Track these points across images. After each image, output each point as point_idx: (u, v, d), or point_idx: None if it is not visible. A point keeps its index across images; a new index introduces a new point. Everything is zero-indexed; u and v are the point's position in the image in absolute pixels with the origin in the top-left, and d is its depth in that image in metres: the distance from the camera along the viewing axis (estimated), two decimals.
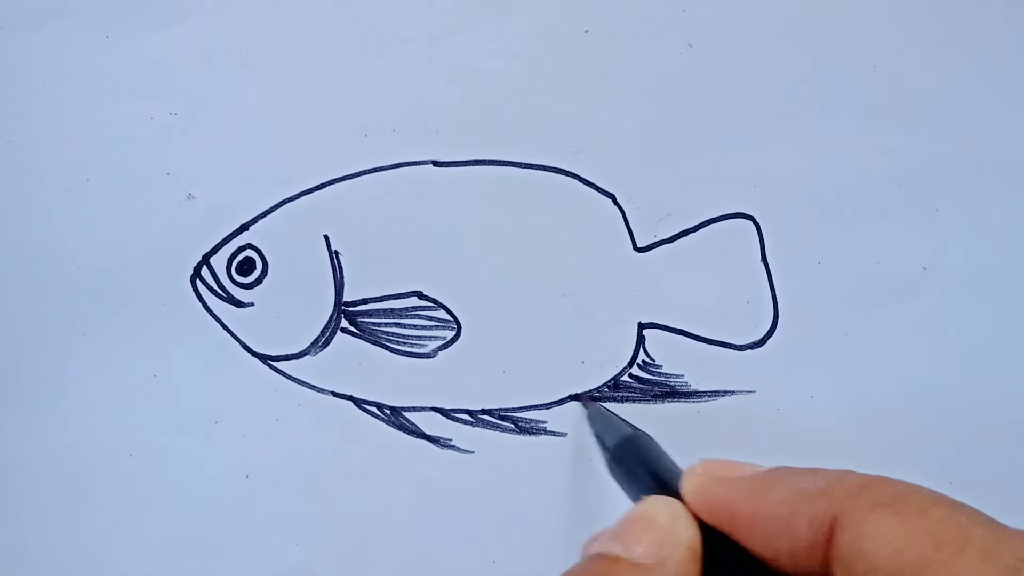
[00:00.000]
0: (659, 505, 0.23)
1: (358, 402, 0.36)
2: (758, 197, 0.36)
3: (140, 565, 0.36)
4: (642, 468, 0.28)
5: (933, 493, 0.20)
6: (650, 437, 0.30)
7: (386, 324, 0.36)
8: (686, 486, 0.24)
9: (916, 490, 0.20)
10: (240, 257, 0.36)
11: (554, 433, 0.36)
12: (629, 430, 0.31)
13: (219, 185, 0.36)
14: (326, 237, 0.36)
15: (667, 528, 0.23)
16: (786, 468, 0.23)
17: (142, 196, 0.36)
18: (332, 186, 0.36)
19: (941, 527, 0.19)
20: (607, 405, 0.36)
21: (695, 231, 0.36)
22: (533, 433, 0.36)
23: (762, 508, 0.22)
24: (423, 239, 0.36)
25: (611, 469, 0.30)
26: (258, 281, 0.36)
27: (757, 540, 0.22)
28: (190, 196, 0.36)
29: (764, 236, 0.35)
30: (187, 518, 0.36)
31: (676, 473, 0.27)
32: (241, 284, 0.36)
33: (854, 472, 0.21)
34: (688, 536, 0.23)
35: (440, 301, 0.36)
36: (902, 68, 0.35)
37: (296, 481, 0.36)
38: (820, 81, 0.35)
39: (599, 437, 0.32)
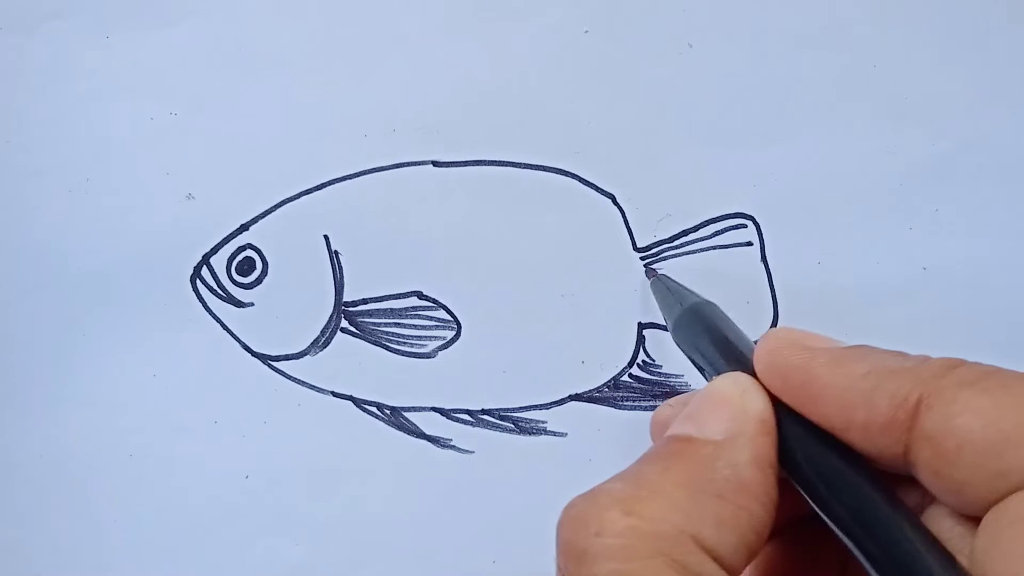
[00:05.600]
0: (728, 381, 0.23)
1: (358, 402, 0.36)
2: (758, 197, 0.36)
3: (140, 565, 0.36)
4: (708, 338, 0.27)
5: (1015, 372, 0.20)
6: (716, 306, 0.29)
7: (386, 324, 0.36)
8: (759, 352, 0.23)
9: (998, 370, 0.20)
10: (240, 257, 0.36)
11: (554, 433, 0.36)
12: (694, 299, 0.30)
13: (219, 185, 0.36)
14: (326, 237, 0.36)
15: (737, 403, 0.23)
16: (868, 346, 0.23)
17: (142, 196, 0.36)
18: (332, 186, 0.36)
19: None
20: (599, 407, 0.36)
21: (695, 231, 0.36)
22: (533, 433, 0.36)
23: (841, 379, 0.22)
24: (423, 239, 0.36)
25: (676, 339, 0.29)
26: (258, 281, 0.36)
27: (829, 411, 0.22)
28: (190, 196, 0.36)
29: (764, 236, 0.35)
30: (187, 518, 0.36)
31: (744, 342, 0.26)
32: (241, 284, 0.36)
33: (933, 357, 0.21)
34: (759, 408, 0.22)
35: (440, 301, 0.36)
36: (902, 68, 0.35)
37: (296, 481, 0.36)
38: (820, 81, 0.35)
39: (663, 307, 0.32)
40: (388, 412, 0.36)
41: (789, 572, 0.24)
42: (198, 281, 0.36)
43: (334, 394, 0.36)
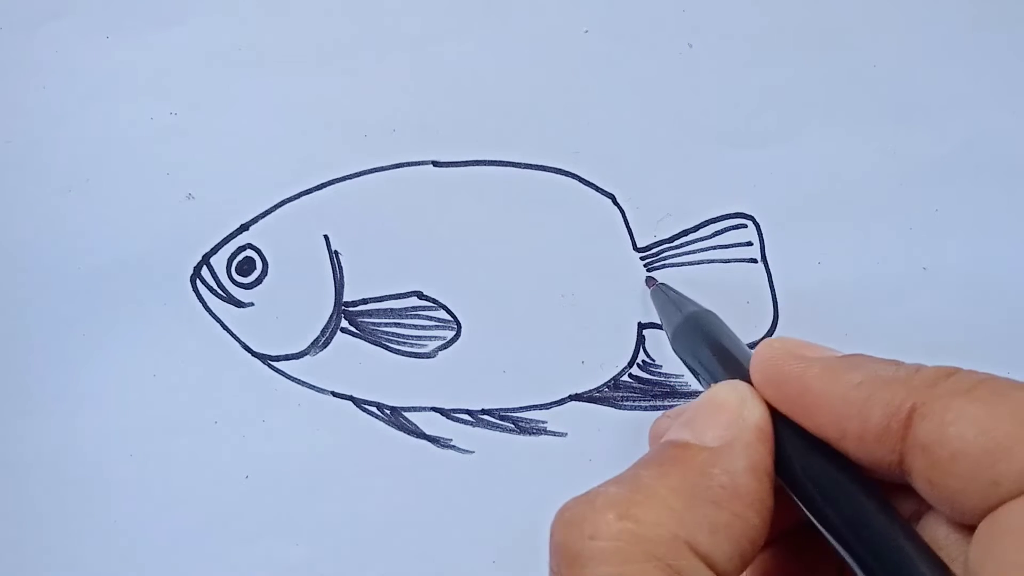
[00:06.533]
0: (726, 389, 0.23)
1: (358, 402, 0.36)
2: (758, 197, 0.36)
3: (140, 565, 0.36)
4: (707, 346, 0.27)
5: (1009, 380, 0.20)
6: (714, 314, 0.29)
7: (386, 324, 0.36)
8: (755, 362, 0.23)
9: (992, 377, 0.20)
10: (240, 257, 0.36)
11: (554, 433, 0.36)
12: (693, 308, 0.30)
13: (219, 185, 0.36)
14: (326, 237, 0.36)
15: (735, 411, 0.23)
16: (862, 355, 0.22)
17: (142, 196, 0.36)
18: (332, 186, 0.36)
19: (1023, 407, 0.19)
20: (599, 407, 0.36)
21: (695, 231, 0.36)
22: (533, 433, 0.36)
23: (835, 389, 0.22)
24: (423, 239, 0.36)
25: (675, 348, 0.30)
26: (258, 281, 0.36)
27: (824, 421, 0.22)
28: (190, 196, 0.36)
29: (764, 236, 0.35)
30: (187, 518, 0.36)
31: (743, 351, 0.26)
32: (241, 284, 0.36)
33: (927, 365, 0.21)
34: (756, 417, 0.22)
35: (440, 301, 0.36)
36: (902, 68, 0.35)
37: (296, 481, 0.36)
38: (820, 81, 0.35)
39: (662, 316, 0.32)
40: (388, 412, 0.36)
41: None
42: (198, 281, 0.36)
43: (334, 394, 0.36)
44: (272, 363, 0.36)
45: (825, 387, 0.22)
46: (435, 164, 0.36)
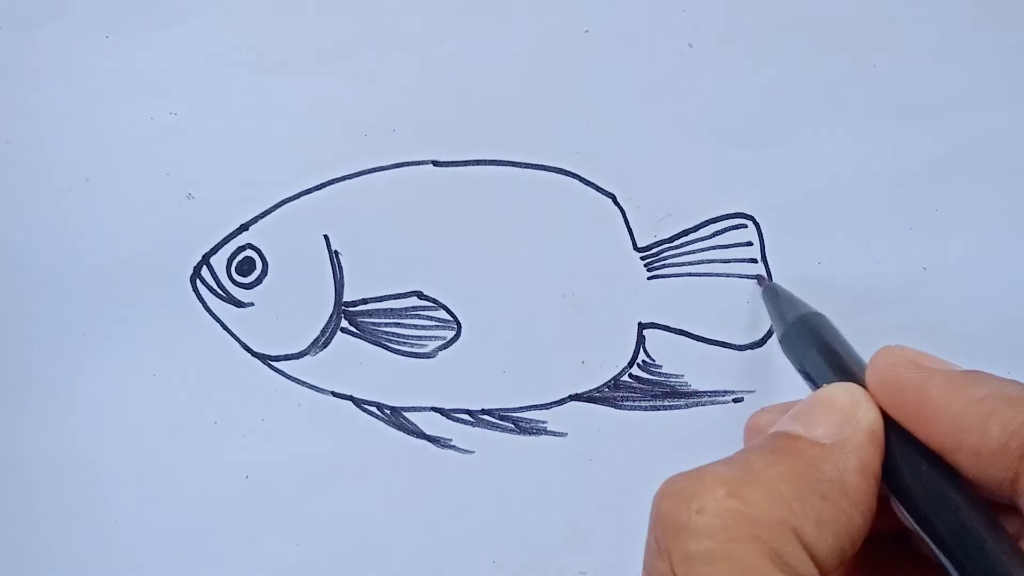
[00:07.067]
0: (840, 389, 0.23)
1: (358, 402, 0.36)
2: (758, 197, 0.36)
3: (140, 565, 0.36)
4: (818, 349, 0.27)
5: None
6: (827, 318, 0.29)
7: (386, 324, 0.36)
8: (873, 366, 0.24)
9: None
10: (240, 257, 0.36)
11: (554, 433, 0.36)
12: (806, 309, 0.30)
13: (219, 185, 0.36)
14: (326, 237, 0.36)
15: (848, 411, 0.23)
16: (984, 372, 0.23)
17: (142, 196, 0.36)
18: (332, 186, 0.36)
19: None
20: (599, 407, 0.36)
21: (695, 231, 0.36)
22: (533, 433, 0.36)
23: (956, 402, 0.22)
24: (423, 239, 0.36)
25: (785, 348, 0.29)
26: (258, 281, 0.36)
27: (940, 431, 0.22)
28: (190, 196, 0.36)
29: (764, 236, 0.35)
30: (187, 518, 0.36)
31: (854, 356, 0.26)
32: (241, 284, 0.36)
33: None
34: (870, 419, 0.23)
35: (440, 301, 0.36)
36: (902, 68, 0.35)
37: (296, 481, 0.36)
38: (820, 81, 0.35)
39: (772, 315, 0.32)
40: (388, 412, 0.36)
41: None
42: (198, 281, 0.36)
43: (334, 394, 0.36)
44: (272, 363, 0.36)
45: (946, 398, 0.22)
46: (435, 164, 0.36)
